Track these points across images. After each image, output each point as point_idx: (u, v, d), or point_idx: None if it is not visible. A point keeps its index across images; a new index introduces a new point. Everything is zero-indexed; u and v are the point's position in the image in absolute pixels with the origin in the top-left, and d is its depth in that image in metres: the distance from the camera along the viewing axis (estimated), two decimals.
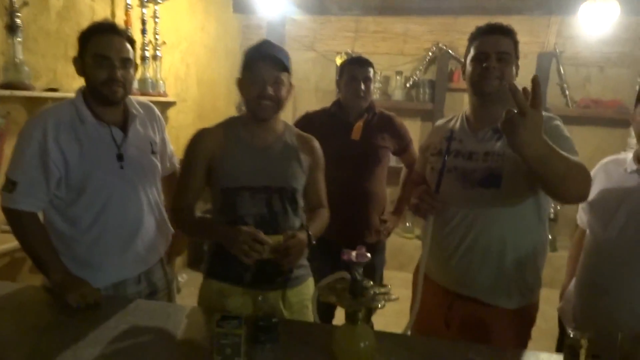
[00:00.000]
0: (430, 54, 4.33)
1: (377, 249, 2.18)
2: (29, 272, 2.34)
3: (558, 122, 1.41)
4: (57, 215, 1.51)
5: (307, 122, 2.21)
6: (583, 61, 4.10)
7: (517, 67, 1.47)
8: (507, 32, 1.44)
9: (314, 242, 1.45)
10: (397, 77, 4.33)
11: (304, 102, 4.29)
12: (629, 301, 1.32)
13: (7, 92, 2.13)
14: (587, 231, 1.52)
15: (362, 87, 2.12)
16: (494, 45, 1.42)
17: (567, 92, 4.13)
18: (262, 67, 1.40)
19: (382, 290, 1.16)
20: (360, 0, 4.24)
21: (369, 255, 1.14)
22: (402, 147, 2.24)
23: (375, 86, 4.37)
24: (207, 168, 1.49)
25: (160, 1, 3.25)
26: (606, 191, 1.44)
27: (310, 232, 1.45)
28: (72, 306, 1.37)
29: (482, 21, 1.51)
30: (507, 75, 1.42)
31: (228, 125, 1.53)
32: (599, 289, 1.39)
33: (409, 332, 1.42)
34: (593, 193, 1.45)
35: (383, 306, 1.11)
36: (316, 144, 1.59)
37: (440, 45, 4.24)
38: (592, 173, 1.40)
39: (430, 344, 1.26)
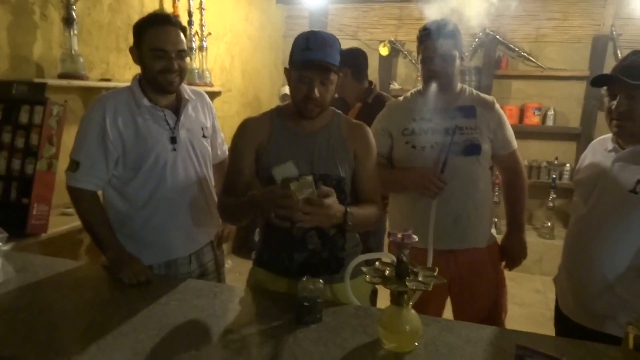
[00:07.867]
0: (476, 39, 4.18)
1: None
2: (85, 253, 2.46)
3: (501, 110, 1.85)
4: (115, 193, 1.61)
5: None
6: None
7: (462, 56, 1.77)
8: (447, 35, 1.67)
9: (350, 224, 1.35)
10: None
11: None
12: (597, 269, 1.39)
13: (64, 82, 2.25)
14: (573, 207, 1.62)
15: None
16: (437, 49, 1.67)
17: None
18: (309, 72, 1.35)
19: (429, 272, 1.15)
20: None
21: (415, 237, 1.12)
22: None
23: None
24: (255, 156, 1.46)
25: None
26: (589, 169, 1.52)
27: (349, 210, 1.35)
28: (125, 283, 1.43)
29: (533, 6, 1.48)
30: (450, 72, 1.73)
31: (274, 113, 1.51)
32: (575, 256, 1.49)
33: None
34: (581, 171, 1.56)
35: (430, 288, 1.09)
36: (367, 130, 1.53)
37: (487, 30, 4.11)
38: (584, 152, 1.60)
39: (477, 330, 1.23)
